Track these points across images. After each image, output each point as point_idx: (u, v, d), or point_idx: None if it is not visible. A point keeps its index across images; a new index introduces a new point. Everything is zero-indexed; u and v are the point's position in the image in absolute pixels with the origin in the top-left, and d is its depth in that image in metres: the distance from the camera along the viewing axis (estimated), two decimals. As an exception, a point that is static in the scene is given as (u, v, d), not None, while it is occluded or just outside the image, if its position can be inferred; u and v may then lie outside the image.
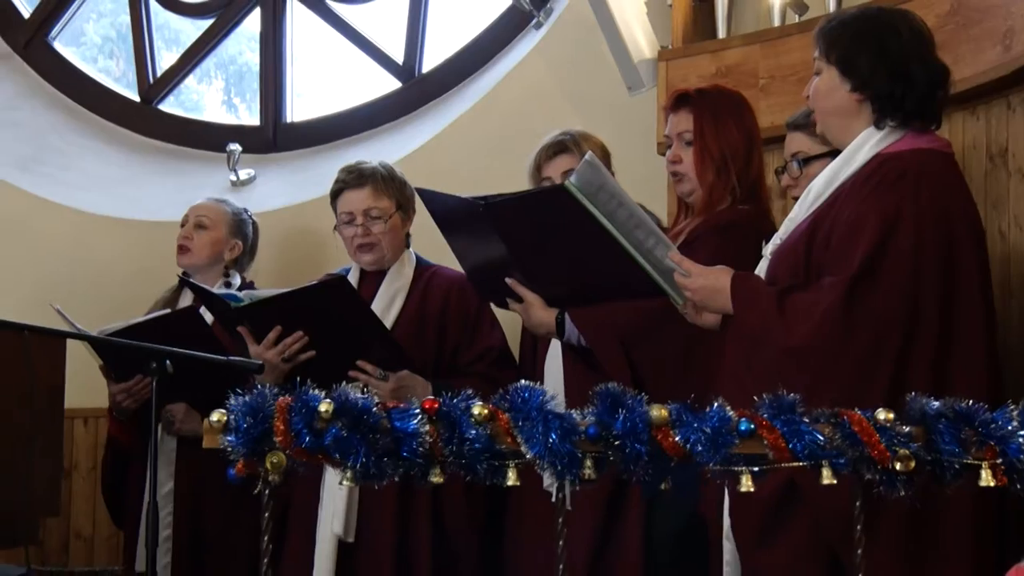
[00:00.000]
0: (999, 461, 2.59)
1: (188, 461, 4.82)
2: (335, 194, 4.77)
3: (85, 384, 4.68)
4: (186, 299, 5.09)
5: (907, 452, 2.55)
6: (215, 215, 5.24)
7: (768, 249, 3.49)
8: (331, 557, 4.40)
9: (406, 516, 4.45)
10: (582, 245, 3.56)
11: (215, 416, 2.60)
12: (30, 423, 4.11)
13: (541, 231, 3.69)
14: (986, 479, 2.59)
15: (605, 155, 4.52)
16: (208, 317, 4.77)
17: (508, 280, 3.93)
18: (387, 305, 4.63)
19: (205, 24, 6.53)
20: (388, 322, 4.56)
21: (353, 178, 4.72)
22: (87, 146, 6.50)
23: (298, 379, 2.74)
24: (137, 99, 6.57)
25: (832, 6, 4.73)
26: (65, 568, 5.58)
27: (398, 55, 6.23)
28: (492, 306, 4.49)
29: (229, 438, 2.58)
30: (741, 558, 3.32)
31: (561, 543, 2.65)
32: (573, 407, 2.60)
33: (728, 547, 3.36)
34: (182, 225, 5.24)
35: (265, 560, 2.71)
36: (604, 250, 3.50)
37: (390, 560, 4.43)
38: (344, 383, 4.29)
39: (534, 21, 5.87)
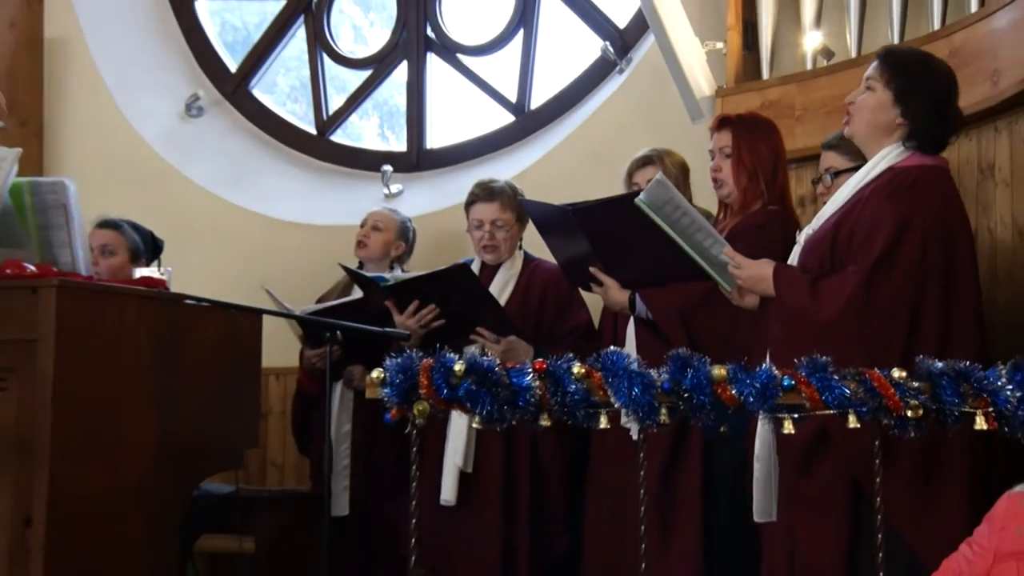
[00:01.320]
0: (991, 410, 2.60)
1: (362, 409, 4.85)
2: (469, 203, 4.78)
3: (276, 348, 4.71)
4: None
5: (916, 403, 2.57)
6: (388, 221, 5.27)
7: (802, 237, 3.51)
8: (454, 483, 4.44)
9: (511, 453, 4.47)
10: (648, 243, 3.56)
11: (375, 373, 2.68)
12: (236, 378, 4.19)
13: (616, 231, 3.73)
14: (980, 424, 2.60)
15: (684, 169, 4.54)
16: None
17: (591, 269, 3.96)
18: (500, 288, 4.65)
19: (364, 75, 6.56)
20: (501, 301, 4.58)
21: (485, 193, 4.73)
22: (277, 168, 6.54)
23: (436, 344, 2.78)
24: (314, 132, 6.59)
25: (853, 54, 4.68)
26: (263, 488, 5.62)
27: (512, 95, 6.21)
28: (580, 290, 4.49)
29: (385, 390, 2.64)
30: (784, 486, 3.33)
31: (642, 473, 2.67)
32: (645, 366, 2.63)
33: (758, 467, 3.37)
34: (361, 226, 5.28)
35: (413, 484, 2.76)
36: (665, 247, 3.52)
37: (499, 487, 4.46)
38: (466, 346, 4.38)
39: (617, 67, 5.86)
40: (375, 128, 6.76)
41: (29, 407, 3.62)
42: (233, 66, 6.75)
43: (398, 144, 6.45)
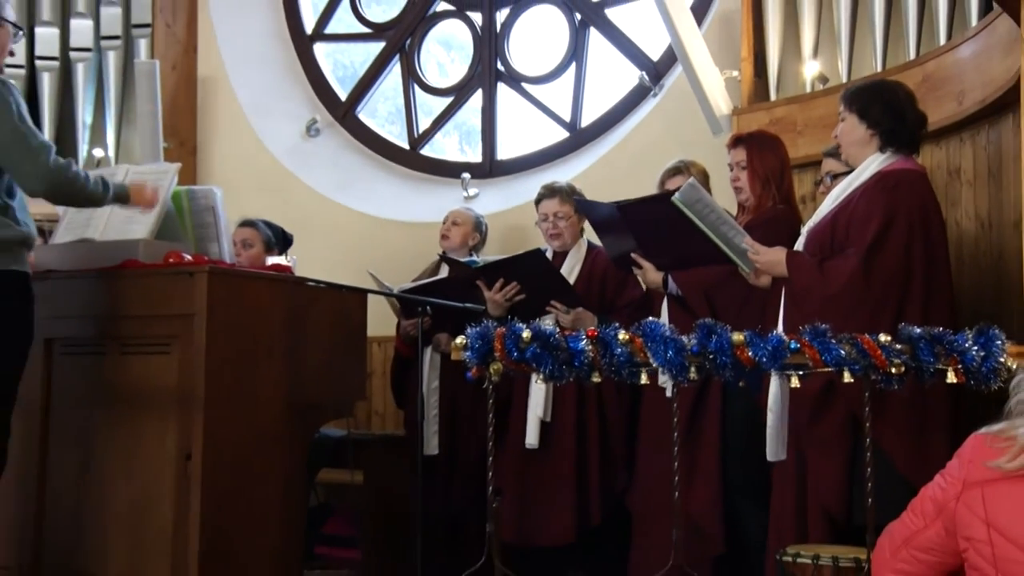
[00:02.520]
0: (959, 367, 2.57)
1: (448, 368, 4.85)
2: (537, 201, 4.75)
3: (377, 320, 4.74)
4: (444, 269, 5.13)
5: (899, 361, 2.56)
6: (464, 217, 5.27)
7: (805, 229, 3.51)
8: (536, 431, 4.42)
9: (582, 406, 4.45)
10: (680, 233, 3.54)
11: (458, 340, 2.70)
12: (346, 345, 4.20)
13: (653, 224, 3.72)
14: (951, 378, 2.59)
15: (705, 175, 4.51)
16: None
17: (633, 254, 3.95)
18: (569, 270, 4.62)
19: (447, 101, 6.56)
20: (570, 280, 4.57)
21: (549, 192, 4.71)
22: (378, 176, 6.55)
23: (510, 317, 2.78)
24: (407, 147, 6.60)
25: (844, 79, 4.66)
26: (369, 432, 5.65)
27: (566, 115, 6.19)
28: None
29: (467, 354, 2.66)
30: (795, 432, 3.33)
31: (675, 420, 2.67)
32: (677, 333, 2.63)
33: (771, 416, 3.36)
34: (443, 222, 5.28)
35: (490, 429, 2.77)
36: (694, 237, 3.51)
37: (572, 434, 4.43)
38: (540, 318, 4.38)
39: (652, 92, 5.82)
40: (455, 143, 6.77)
41: (187, 367, 3.68)
42: (343, 96, 6.76)
43: (474, 156, 6.45)
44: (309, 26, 6.90)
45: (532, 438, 4.42)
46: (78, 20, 6.54)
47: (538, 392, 4.41)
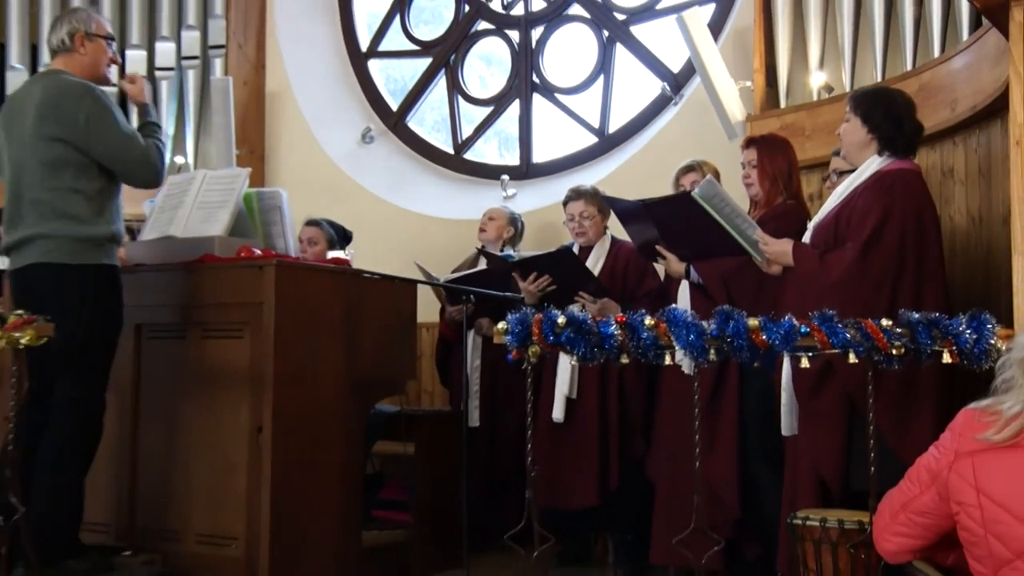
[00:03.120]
0: (954, 348, 2.55)
1: (489, 349, 4.87)
2: (565, 203, 4.74)
3: (425, 308, 4.75)
4: (482, 261, 5.14)
5: (899, 343, 2.54)
6: (499, 213, 5.28)
7: (811, 224, 3.49)
8: (562, 406, 4.42)
9: (604, 384, 4.44)
10: (699, 226, 3.53)
11: (500, 325, 2.68)
12: (398, 329, 4.22)
13: (676, 219, 3.70)
14: (947, 359, 2.57)
15: (716, 174, 4.48)
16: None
17: (657, 247, 3.94)
18: (594, 263, 4.60)
19: (487, 110, 6.54)
20: (595, 273, 4.55)
21: (575, 194, 4.70)
22: (425, 178, 6.55)
23: (545, 303, 2.78)
24: (452, 152, 6.60)
25: (847, 88, 4.62)
26: (418, 408, 5.65)
27: (595, 122, 6.17)
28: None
29: (507, 337, 2.65)
30: (799, 405, 3.31)
31: (696, 396, 2.66)
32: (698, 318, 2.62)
33: (784, 396, 3.35)
34: (482, 219, 5.29)
35: (529, 405, 2.78)
36: (712, 230, 3.50)
37: (595, 408, 4.42)
38: (570, 305, 4.38)
39: (672, 101, 5.80)
40: (495, 148, 6.76)
41: (258, 350, 3.72)
42: (394, 106, 6.77)
43: (512, 159, 6.44)
44: (364, 44, 6.91)
45: (559, 413, 4.42)
46: (162, 43, 6.59)
47: (564, 372, 4.41)
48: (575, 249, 4.66)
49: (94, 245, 3.58)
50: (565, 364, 4.41)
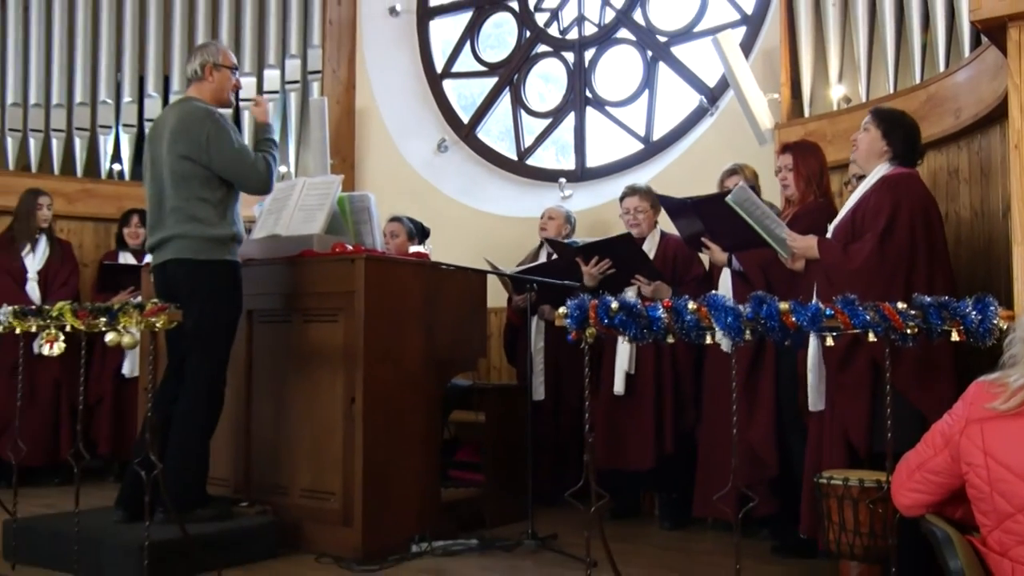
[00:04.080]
0: (961, 328, 2.51)
1: (551, 332, 4.86)
2: (621, 198, 4.73)
3: (493, 295, 4.74)
4: (543, 253, 5.15)
5: (913, 324, 2.50)
6: (558, 213, 5.25)
7: (832, 225, 3.45)
8: (622, 380, 4.43)
9: (659, 361, 4.43)
10: (735, 224, 3.51)
11: (561, 310, 2.66)
12: (471, 314, 4.26)
13: (716, 215, 3.66)
14: (955, 337, 2.52)
15: (755, 175, 4.48)
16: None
17: (702, 239, 3.92)
18: (647, 252, 4.57)
19: (546, 122, 6.52)
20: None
21: (630, 191, 4.69)
22: (493, 181, 6.55)
23: (600, 290, 2.77)
24: (516, 158, 6.60)
25: (864, 99, 4.55)
26: (489, 382, 5.64)
27: (641, 130, 6.12)
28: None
29: (568, 321, 2.63)
30: (829, 378, 3.28)
31: (733, 372, 2.65)
32: (736, 303, 2.60)
33: (810, 377, 3.32)
34: (541, 217, 5.27)
35: (586, 380, 2.77)
36: (745, 228, 3.48)
37: (651, 382, 4.42)
38: (627, 288, 4.35)
39: (709, 112, 5.75)
40: (553, 155, 6.73)
41: (351, 331, 3.78)
42: (465, 119, 6.78)
43: (568, 164, 6.43)
44: (439, 67, 6.93)
45: (619, 387, 4.42)
46: (269, 70, 6.72)
47: (623, 351, 4.41)
48: None
49: (219, 244, 3.67)
50: (624, 344, 4.41)
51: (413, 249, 4.93)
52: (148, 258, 4.01)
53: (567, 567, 3.57)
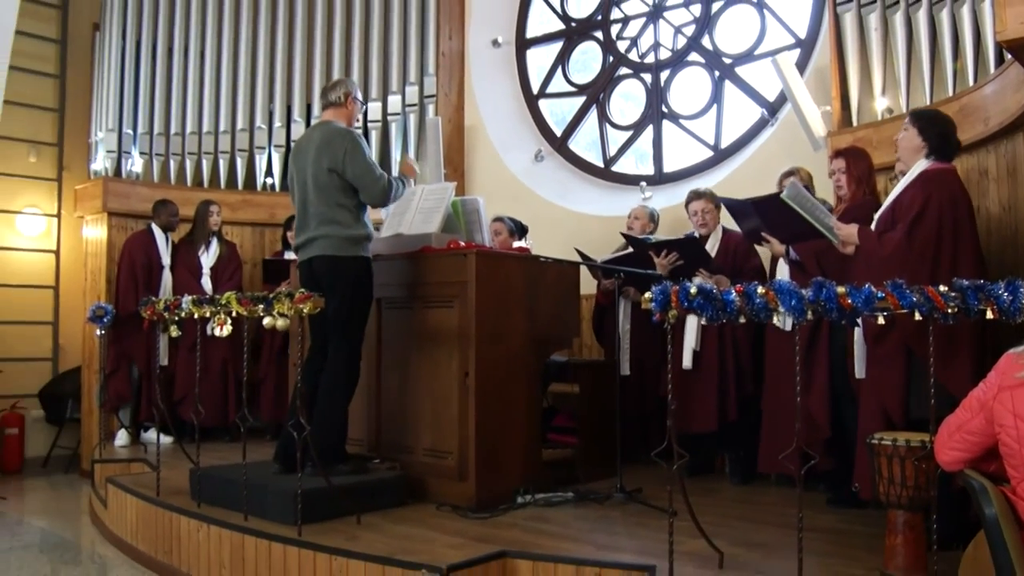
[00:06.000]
0: (995, 307, 2.45)
1: (636, 314, 4.83)
2: (688, 202, 4.72)
3: (585, 283, 4.77)
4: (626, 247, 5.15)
5: (954, 304, 2.46)
6: (642, 212, 5.23)
7: (876, 216, 3.38)
8: (690, 357, 4.42)
9: (721, 340, 4.41)
10: (790, 218, 3.48)
11: (646, 295, 2.67)
12: (566, 300, 4.27)
13: (774, 212, 3.63)
14: (989, 315, 2.47)
15: (809, 176, 4.41)
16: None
17: (762, 233, 3.89)
18: (712, 246, 4.57)
19: (627, 134, 6.50)
20: (711, 253, 4.52)
21: (696, 195, 4.68)
22: (584, 187, 6.54)
23: (667, 281, 2.79)
24: (602, 166, 6.60)
25: (904, 110, 4.44)
26: (582, 358, 5.65)
27: (710, 139, 6.07)
28: (754, 246, 4.39)
29: (652, 304, 2.65)
30: (868, 350, 3.24)
31: (796, 348, 2.64)
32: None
33: (856, 349, 3.30)
34: (628, 217, 5.25)
35: (670, 356, 2.78)
36: (800, 221, 3.45)
37: (715, 357, 4.41)
38: (693, 279, 4.36)
39: (769, 122, 5.67)
40: (633, 162, 6.71)
41: (464, 316, 3.82)
42: (558, 133, 6.80)
43: (647, 170, 6.41)
44: (535, 88, 6.98)
45: (688, 362, 4.42)
46: (392, 96, 6.87)
47: (691, 331, 4.40)
48: (697, 236, 4.63)
49: (355, 243, 3.78)
50: (692, 325, 4.39)
51: (515, 244, 4.98)
52: (291, 254, 4.12)
53: (651, 516, 3.59)
